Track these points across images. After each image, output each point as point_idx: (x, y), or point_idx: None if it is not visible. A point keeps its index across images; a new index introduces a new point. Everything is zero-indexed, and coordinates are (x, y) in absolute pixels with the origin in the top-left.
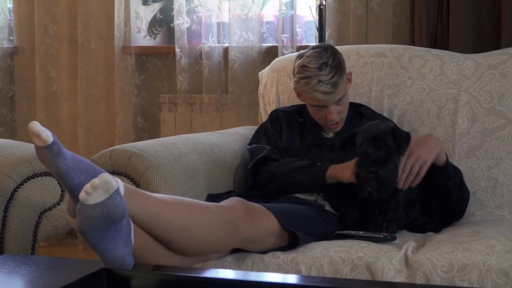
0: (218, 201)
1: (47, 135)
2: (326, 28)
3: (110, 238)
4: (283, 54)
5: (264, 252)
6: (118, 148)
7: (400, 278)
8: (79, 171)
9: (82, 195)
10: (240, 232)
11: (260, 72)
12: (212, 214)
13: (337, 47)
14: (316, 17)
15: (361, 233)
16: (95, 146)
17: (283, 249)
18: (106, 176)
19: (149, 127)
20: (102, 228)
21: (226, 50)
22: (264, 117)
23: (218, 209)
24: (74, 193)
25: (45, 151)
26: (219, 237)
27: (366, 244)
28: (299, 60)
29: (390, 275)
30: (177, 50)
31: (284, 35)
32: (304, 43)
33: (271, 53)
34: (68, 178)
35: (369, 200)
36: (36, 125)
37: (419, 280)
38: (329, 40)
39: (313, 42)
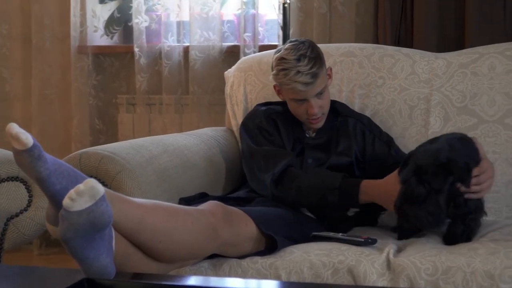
0: (190, 205)
1: (27, 138)
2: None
3: (93, 246)
4: (245, 53)
5: (241, 257)
6: (88, 151)
7: (382, 282)
8: (60, 175)
9: (66, 202)
10: (220, 236)
11: (226, 72)
12: (192, 218)
13: None
14: (280, 16)
15: (340, 235)
16: (50, 149)
17: (261, 253)
18: (92, 181)
19: (107, 129)
20: (87, 235)
21: (186, 50)
22: (232, 118)
23: (197, 214)
24: (55, 199)
25: (25, 155)
26: (200, 242)
27: (346, 247)
28: (277, 54)
29: (373, 279)
30: (136, 49)
31: (246, 34)
32: (266, 42)
33: (232, 53)
34: (49, 183)
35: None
36: (14, 127)
37: (402, 284)
38: (293, 39)
39: (275, 41)
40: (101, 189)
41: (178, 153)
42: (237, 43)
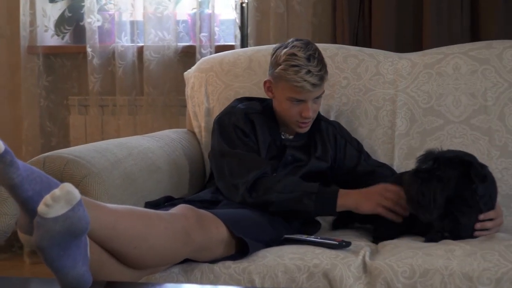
0: (157, 209)
1: None
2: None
3: (70, 254)
4: (201, 53)
5: (212, 261)
6: (53, 155)
7: (359, 286)
8: (33, 181)
9: (41, 208)
10: (194, 240)
11: (185, 73)
12: (166, 223)
13: (264, 47)
14: (237, 15)
15: (312, 238)
16: None
17: (232, 257)
18: (68, 186)
19: (58, 131)
20: (63, 243)
21: (140, 50)
22: (193, 119)
23: (171, 218)
24: (28, 206)
25: None
26: (174, 247)
27: (320, 250)
28: (284, 49)
29: (350, 283)
30: (89, 49)
31: (203, 34)
32: (222, 42)
33: (188, 53)
34: (22, 190)
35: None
36: None
37: (379, 287)
38: (249, 39)
39: (232, 41)
40: (77, 194)
41: (143, 156)
42: (192, 43)
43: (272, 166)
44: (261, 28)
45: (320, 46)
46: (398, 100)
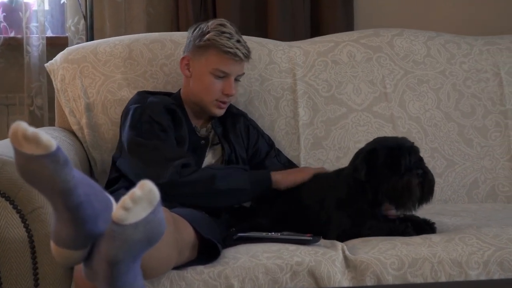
0: None
1: (49, 140)
2: (74, 18)
3: (134, 268)
4: (31, 45)
5: (178, 267)
6: None
7: (346, 281)
8: (84, 184)
9: (119, 213)
10: (178, 243)
11: (47, 64)
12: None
13: (142, 35)
14: (81, 6)
15: (275, 234)
16: None
17: (199, 262)
18: (148, 184)
19: None
20: (138, 254)
21: None
22: (70, 116)
23: None
24: (78, 214)
25: (46, 161)
26: (172, 253)
27: (294, 247)
28: (208, 22)
29: (337, 279)
30: None
31: (33, 24)
32: (49, 34)
33: (9, 45)
34: (75, 195)
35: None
36: (27, 126)
37: (369, 281)
38: (84, 29)
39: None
40: (158, 191)
41: None
42: (16, 35)
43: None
44: (99, 18)
45: None
46: (298, 89)
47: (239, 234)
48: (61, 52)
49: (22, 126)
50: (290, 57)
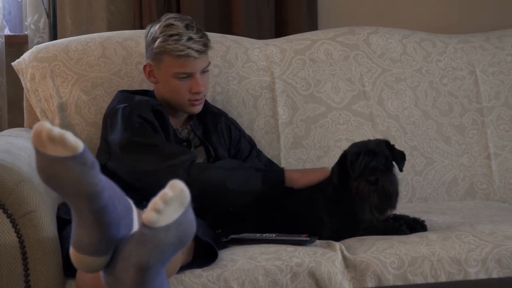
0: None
1: (76, 141)
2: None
3: (163, 272)
4: None
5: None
6: None
7: (345, 281)
8: (110, 188)
9: (151, 216)
10: None
11: (15, 63)
12: None
13: (114, 32)
14: (44, 2)
15: (273, 235)
16: None
17: (196, 265)
18: (179, 183)
19: None
20: (168, 258)
21: None
22: (41, 117)
23: None
24: (102, 218)
25: (72, 164)
26: (179, 255)
27: (292, 248)
28: (157, 24)
29: (338, 279)
30: None
31: None
32: (7, 32)
33: None
34: (101, 199)
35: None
36: (52, 126)
37: (370, 281)
38: (45, 27)
39: (16, 31)
40: (188, 191)
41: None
42: None
43: None
44: (61, 16)
45: None
46: (277, 87)
47: (232, 236)
48: (30, 50)
49: (47, 126)
50: (267, 55)
